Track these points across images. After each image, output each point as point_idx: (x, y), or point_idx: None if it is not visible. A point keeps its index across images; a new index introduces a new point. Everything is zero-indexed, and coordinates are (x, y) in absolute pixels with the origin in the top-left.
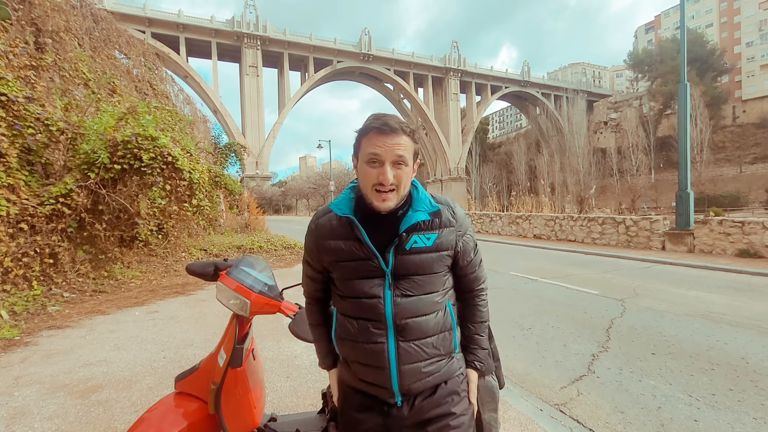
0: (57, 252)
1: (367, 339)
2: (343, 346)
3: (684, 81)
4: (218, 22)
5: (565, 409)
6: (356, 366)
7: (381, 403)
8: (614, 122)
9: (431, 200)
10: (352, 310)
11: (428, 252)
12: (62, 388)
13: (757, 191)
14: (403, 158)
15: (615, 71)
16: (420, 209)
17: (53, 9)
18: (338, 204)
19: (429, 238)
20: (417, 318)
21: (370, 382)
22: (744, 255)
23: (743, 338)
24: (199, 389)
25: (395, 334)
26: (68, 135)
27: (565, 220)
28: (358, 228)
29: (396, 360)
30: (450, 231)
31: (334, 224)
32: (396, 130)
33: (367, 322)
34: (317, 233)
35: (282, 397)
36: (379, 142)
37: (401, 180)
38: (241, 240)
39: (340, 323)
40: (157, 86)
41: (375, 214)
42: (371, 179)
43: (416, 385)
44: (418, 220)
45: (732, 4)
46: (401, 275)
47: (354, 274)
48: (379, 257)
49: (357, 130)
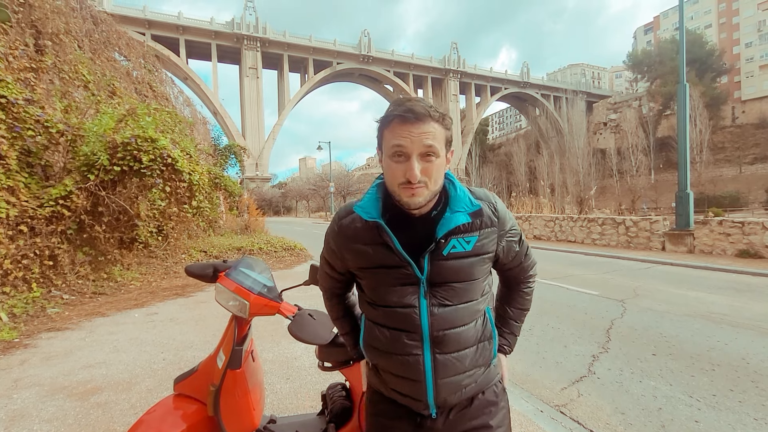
0: (57, 254)
1: (400, 350)
2: (373, 354)
3: (683, 82)
4: (218, 24)
5: (566, 410)
6: (388, 376)
7: (414, 413)
8: (614, 123)
9: (471, 198)
10: (384, 319)
11: (468, 257)
12: (61, 390)
13: (757, 191)
14: (433, 148)
15: (614, 72)
16: (459, 209)
17: (53, 11)
18: (364, 206)
19: (468, 242)
20: (455, 329)
21: (403, 393)
22: (744, 255)
23: (744, 339)
24: (198, 391)
25: (432, 346)
26: (68, 137)
27: (565, 221)
28: (388, 234)
29: (432, 373)
30: (491, 231)
31: (358, 227)
32: (423, 117)
33: (400, 332)
34: (341, 235)
35: (282, 398)
36: (404, 131)
37: (431, 173)
38: (240, 241)
39: (369, 330)
40: (157, 88)
41: (406, 215)
42: (397, 176)
43: (453, 398)
44: (458, 224)
45: (731, 5)
46: (438, 282)
47: (385, 282)
48: (413, 264)
49: (378, 120)
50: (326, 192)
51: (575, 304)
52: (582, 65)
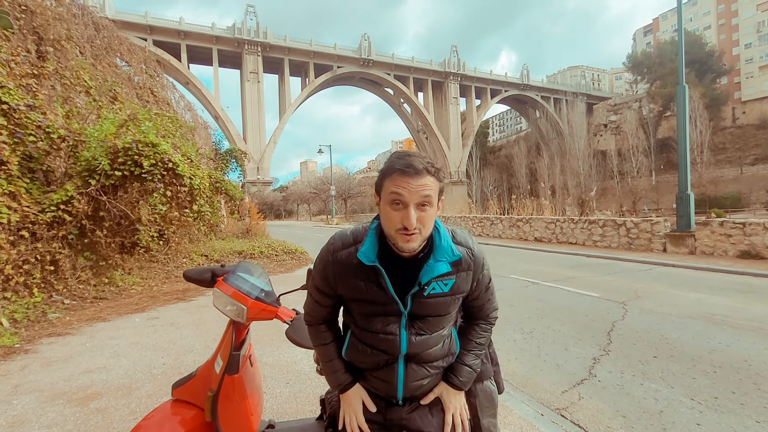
0: (58, 259)
1: (380, 364)
2: (356, 362)
3: (682, 83)
4: (219, 29)
5: (567, 413)
6: (366, 373)
7: (384, 401)
8: (614, 124)
9: (452, 248)
10: (368, 340)
11: (445, 296)
12: (61, 395)
13: (758, 192)
14: (429, 198)
15: (614, 74)
16: (441, 259)
17: (55, 18)
18: (365, 252)
19: (447, 284)
20: (427, 351)
21: (377, 389)
22: (745, 256)
23: (745, 340)
24: (196, 396)
25: (405, 360)
26: (69, 142)
27: (566, 223)
28: (384, 278)
29: (404, 378)
30: (467, 274)
31: (355, 264)
32: (421, 172)
33: (381, 353)
34: (336, 267)
35: (281, 403)
36: (404, 183)
37: (425, 222)
38: (242, 245)
39: (353, 346)
40: (159, 93)
41: (396, 257)
42: (395, 223)
43: (417, 393)
44: (440, 273)
45: (730, 7)
46: (418, 316)
47: (372, 312)
48: (399, 303)
49: (379, 170)
50: (327, 195)
51: (576, 306)
52: (582, 67)
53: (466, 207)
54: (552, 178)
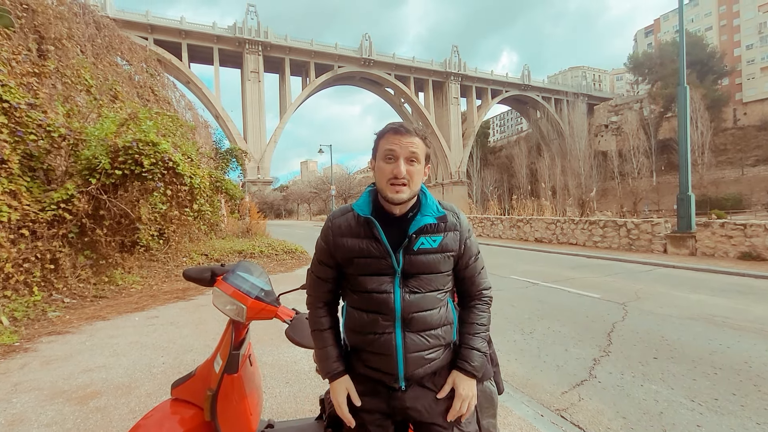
0: (58, 257)
1: (376, 330)
2: (354, 336)
3: (683, 84)
4: (220, 28)
5: (566, 414)
6: (365, 354)
7: (386, 388)
8: (615, 125)
9: (438, 206)
10: (365, 304)
11: (434, 253)
12: (61, 394)
13: (760, 193)
14: (416, 155)
15: (615, 74)
16: (428, 214)
17: (56, 17)
18: (360, 206)
19: (435, 240)
20: (422, 312)
21: (377, 369)
22: (746, 258)
23: (746, 342)
24: (196, 396)
25: (402, 326)
26: (70, 141)
27: (567, 224)
28: (377, 228)
29: (403, 349)
30: (454, 234)
31: (352, 224)
32: (410, 132)
33: (377, 315)
34: (333, 231)
35: (281, 403)
36: (395, 140)
37: (413, 175)
38: (242, 245)
39: (350, 316)
40: (159, 92)
41: (389, 216)
42: (386, 174)
43: (419, 371)
44: (426, 223)
45: (731, 8)
46: (410, 274)
47: (367, 270)
48: (392, 256)
49: (376, 133)
50: (327, 195)
51: (576, 307)
52: (583, 68)
53: (467, 207)
54: (552, 179)
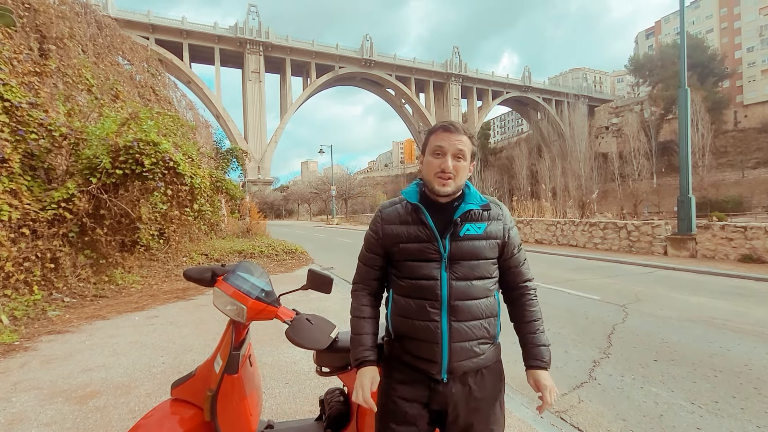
0: (58, 257)
1: (423, 317)
2: (400, 322)
3: (684, 86)
4: (221, 28)
5: (566, 416)
6: (409, 341)
7: (429, 379)
8: (615, 127)
9: (481, 197)
10: (412, 291)
11: (479, 239)
12: (60, 393)
13: (760, 196)
14: (462, 152)
15: (616, 76)
16: (471, 202)
17: (58, 16)
18: (408, 193)
19: (480, 227)
20: (468, 301)
21: (420, 357)
22: (747, 260)
23: (746, 345)
24: (196, 396)
25: (449, 314)
26: (71, 140)
27: (567, 225)
28: (424, 213)
29: (448, 337)
30: (498, 223)
31: (401, 212)
32: (459, 130)
33: (424, 301)
34: (383, 219)
35: (281, 403)
36: (444, 137)
37: (459, 171)
38: (242, 245)
39: (397, 303)
40: (160, 92)
41: (436, 204)
42: (434, 168)
43: (462, 364)
44: (470, 209)
45: (732, 10)
46: (456, 260)
47: (415, 256)
48: (439, 240)
49: (427, 130)
50: (328, 195)
51: (576, 309)
52: (584, 69)
53: None
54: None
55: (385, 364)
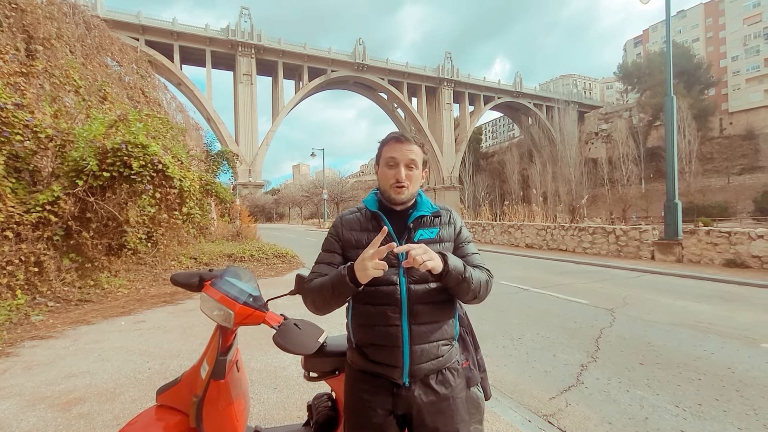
0: (42, 260)
1: (384, 322)
2: (361, 331)
3: (670, 94)
4: (213, 30)
5: (554, 420)
6: (371, 349)
7: (390, 385)
8: (605, 133)
9: (431, 204)
10: (372, 297)
11: (432, 243)
12: (43, 400)
13: (745, 201)
14: (414, 161)
15: (605, 83)
16: (423, 210)
17: (45, 16)
18: (368, 201)
19: (432, 232)
20: (428, 304)
21: (382, 362)
22: (731, 265)
23: (729, 348)
24: (181, 402)
25: (408, 318)
26: (57, 142)
27: (557, 230)
28: (383, 219)
29: (408, 340)
30: (449, 227)
31: (361, 219)
32: (409, 140)
33: (384, 306)
34: (343, 225)
35: (268, 409)
36: (396, 147)
37: (412, 179)
38: (232, 248)
39: (358, 311)
40: (150, 94)
41: (392, 212)
42: (389, 179)
43: (423, 366)
44: (421, 215)
45: (717, 20)
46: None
47: None
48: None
49: (379, 141)
50: (319, 199)
51: (565, 313)
52: (574, 76)
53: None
54: (544, 185)
55: (349, 374)
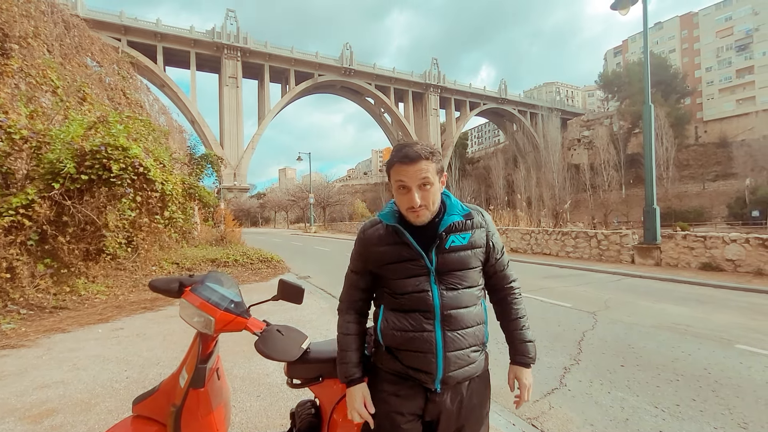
0: (15, 266)
1: (418, 328)
2: (393, 336)
3: (648, 102)
4: (198, 32)
5: (537, 423)
6: (404, 353)
7: (423, 390)
8: (587, 140)
9: (462, 206)
10: (405, 305)
11: (464, 249)
12: (12, 412)
13: (719, 207)
14: (428, 179)
15: (587, 91)
16: (454, 213)
17: (21, 15)
18: (385, 216)
19: (464, 238)
20: (460, 309)
21: (415, 368)
22: (707, 268)
23: (706, 349)
24: (159, 412)
25: (442, 324)
26: (32, 143)
27: (541, 234)
28: (405, 234)
29: (443, 347)
30: (481, 231)
31: (381, 233)
32: (417, 158)
33: (417, 313)
34: (365, 242)
35: (251, 417)
36: (403, 170)
37: (428, 199)
38: (215, 253)
39: (389, 317)
40: (131, 95)
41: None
42: (404, 204)
43: (456, 373)
44: (453, 221)
45: (692, 32)
46: (444, 271)
47: (403, 274)
48: (425, 256)
49: (385, 163)
50: (305, 203)
51: (549, 316)
52: (557, 84)
53: None
54: (528, 190)
55: (374, 376)
